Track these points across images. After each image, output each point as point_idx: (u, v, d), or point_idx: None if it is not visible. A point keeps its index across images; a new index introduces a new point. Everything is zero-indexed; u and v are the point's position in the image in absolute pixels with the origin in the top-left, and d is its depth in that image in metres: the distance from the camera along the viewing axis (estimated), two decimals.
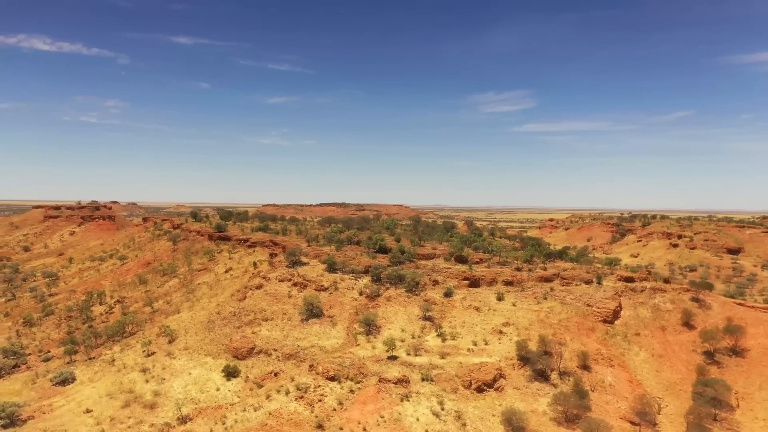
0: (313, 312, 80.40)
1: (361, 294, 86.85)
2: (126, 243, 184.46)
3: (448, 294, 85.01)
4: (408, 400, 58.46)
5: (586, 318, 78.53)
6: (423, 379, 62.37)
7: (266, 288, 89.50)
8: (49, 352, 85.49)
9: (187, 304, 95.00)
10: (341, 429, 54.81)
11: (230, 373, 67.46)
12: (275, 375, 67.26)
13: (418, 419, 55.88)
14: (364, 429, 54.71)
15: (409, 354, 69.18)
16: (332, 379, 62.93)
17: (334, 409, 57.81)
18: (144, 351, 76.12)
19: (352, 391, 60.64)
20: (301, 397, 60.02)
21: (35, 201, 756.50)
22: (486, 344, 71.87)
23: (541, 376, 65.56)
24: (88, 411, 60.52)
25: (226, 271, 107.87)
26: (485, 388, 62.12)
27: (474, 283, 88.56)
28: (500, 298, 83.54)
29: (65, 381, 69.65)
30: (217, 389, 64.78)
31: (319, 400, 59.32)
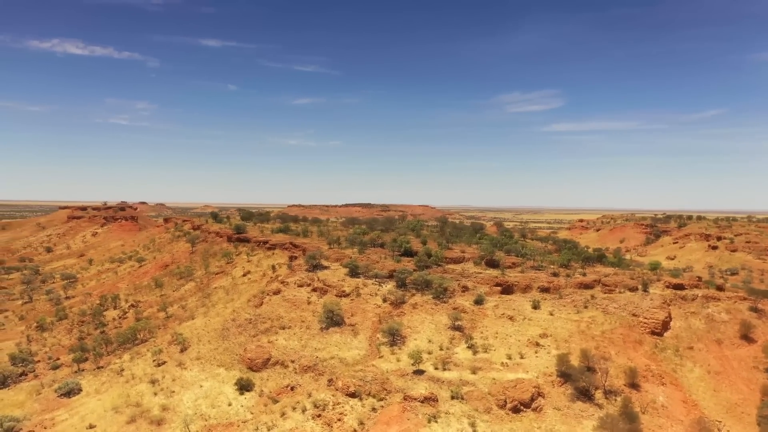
0: (333, 320, 75.82)
1: (384, 300, 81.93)
2: (146, 244, 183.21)
3: (478, 301, 79.44)
4: (436, 421, 53.19)
5: (632, 329, 72.04)
6: (453, 397, 57.01)
7: (284, 293, 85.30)
8: (58, 359, 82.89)
9: (202, 309, 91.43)
10: None
11: (243, 387, 63.27)
12: (291, 389, 62.79)
13: None
14: None
15: (437, 368, 63.93)
16: (353, 395, 58.04)
17: (355, 430, 52.90)
18: (154, 360, 72.73)
19: (374, 410, 55.66)
20: (319, 416, 55.33)
21: (66, 202, 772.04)
22: (522, 358, 66.12)
23: (584, 395, 59.56)
24: (91, 427, 57.09)
25: (244, 275, 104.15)
26: (522, 408, 56.44)
27: (507, 289, 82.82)
28: (536, 307, 77.59)
29: (70, 392, 66.54)
30: (229, 404, 60.64)
31: (338, 420, 54.51)
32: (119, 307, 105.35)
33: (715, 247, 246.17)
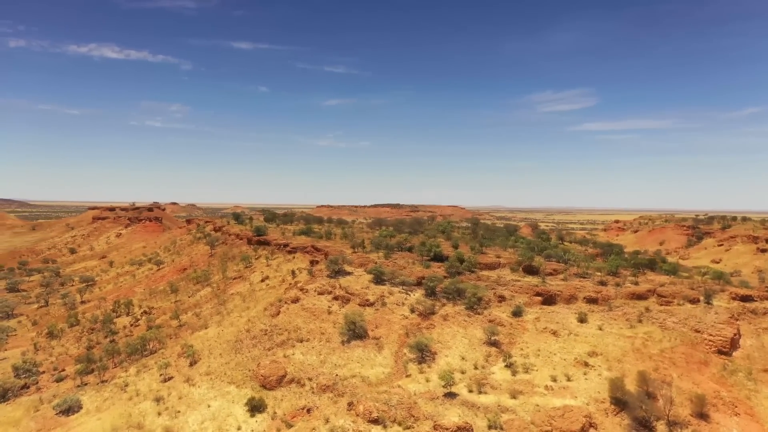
0: (355, 332, 69.59)
1: (412, 311, 75.27)
2: (167, 246, 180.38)
3: (517, 313, 72.12)
4: None
5: (696, 348, 63.69)
6: (490, 427, 50.03)
7: (303, 302, 79.41)
8: (63, 370, 78.83)
9: (216, 318, 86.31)
10: None
11: (255, 407, 57.51)
12: (308, 412, 56.71)
13: None
14: None
15: (471, 391, 56.99)
16: (375, 422, 51.50)
17: None
18: (161, 375, 67.70)
19: None
20: None
21: (100, 203, 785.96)
22: (568, 380, 58.58)
23: (644, 426, 51.86)
24: None
25: (262, 280, 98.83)
26: None
27: (548, 299, 75.28)
28: (582, 320, 69.82)
29: (69, 410, 62.00)
30: (238, 428, 54.95)
31: None
32: (132, 314, 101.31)
33: (764, 250, 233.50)
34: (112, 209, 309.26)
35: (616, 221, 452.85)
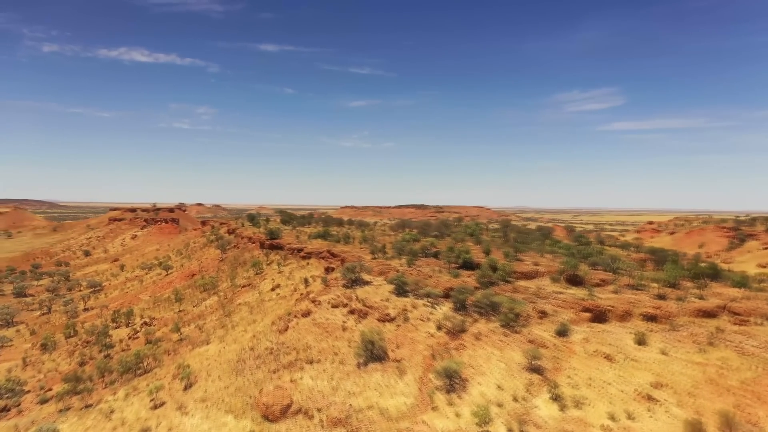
0: (373, 353, 61.03)
1: (439, 328, 66.27)
2: (180, 249, 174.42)
3: (562, 332, 62.44)
4: None
5: None
6: None
7: (315, 316, 71.12)
8: (50, 389, 72.16)
9: (219, 332, 78.61)
10: None
11: None
12: None
13: None
14: None
15: (511, 430, 47.64)
16: None
17: None
18: (152, 400, 60.34)
19: None
20: None
21: (128, 204, 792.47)
22: (630, 419, 48.82)
23: None
24: None
25: (272, 289, 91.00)
26: None
27: (599, 316, 65.45)
28: (641, 342, 59.76)
29: None
30: None
31: None
32: (132, 325, 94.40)
33: None
34: (133, 210, 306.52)
35: (650, 222, 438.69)
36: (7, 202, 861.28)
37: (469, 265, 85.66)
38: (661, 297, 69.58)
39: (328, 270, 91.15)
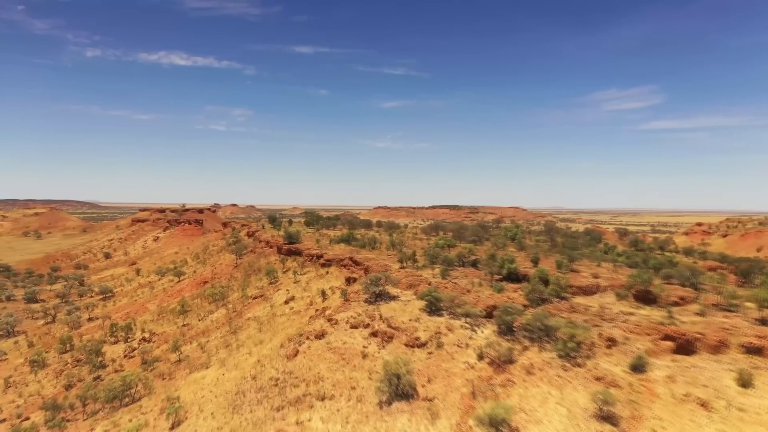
0: (399, 389, 49.73)
1: (481, 357, 54.57)
2: (197, 253, 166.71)
3: (638, 367, 49.98)
4: None
5: None
6: None
7: (331, 338, 60.34)
8: (27, 418, 63.47)
9: (222, 352, 68.74)
10: None
11: None
12: None
13: None
14: None
15: None
16: None
17: None
18: None
19: None
20: None
21: (164, 204, 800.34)
22: None
23: None
24: None
25: (286, 302, 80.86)
26: None
27: (684, 346, 52.70)
28: (746, 383, 46.87)
29: None
30: None
31: None
32: (130, 340, 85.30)
33: None
34: (162, 211, 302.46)
35: (699, 224, 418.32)
36: (49, 203, 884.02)
37: (514, 277, 73.70)
38: (764, 322, 56.20)
39: (349, 281, 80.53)
